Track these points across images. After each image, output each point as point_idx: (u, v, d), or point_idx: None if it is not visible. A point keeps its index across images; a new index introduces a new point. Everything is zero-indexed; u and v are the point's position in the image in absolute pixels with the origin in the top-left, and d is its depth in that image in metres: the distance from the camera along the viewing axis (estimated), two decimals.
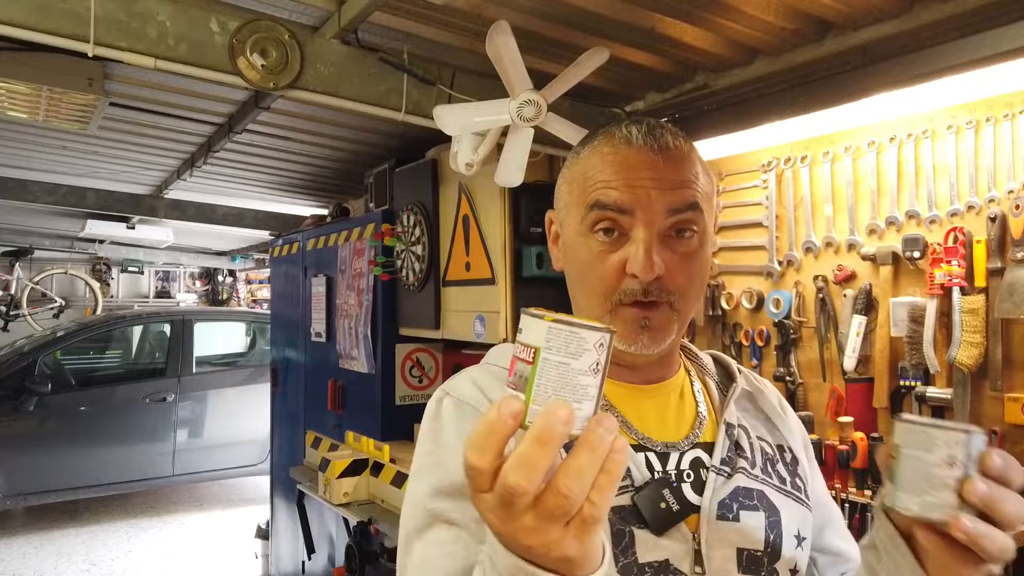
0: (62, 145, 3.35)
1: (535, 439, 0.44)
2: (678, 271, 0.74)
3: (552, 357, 0.47)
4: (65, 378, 5.36)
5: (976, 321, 1.73)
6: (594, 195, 0.75)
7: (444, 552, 0.67)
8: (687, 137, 0.79)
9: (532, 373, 0.47)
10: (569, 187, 0.80)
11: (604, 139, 0.78)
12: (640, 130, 0.76)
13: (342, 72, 1.89)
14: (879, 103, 1.79)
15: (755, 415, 0.87)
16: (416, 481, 0.74)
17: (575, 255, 0.78)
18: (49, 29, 1.52)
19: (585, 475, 0.45)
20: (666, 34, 1.85)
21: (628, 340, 0.74)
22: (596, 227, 0.75)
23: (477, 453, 0.45)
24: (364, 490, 2.68)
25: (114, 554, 4.69)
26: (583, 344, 0.48)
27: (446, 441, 0.74)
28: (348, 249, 3.20)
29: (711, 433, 0.81)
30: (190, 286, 9.31)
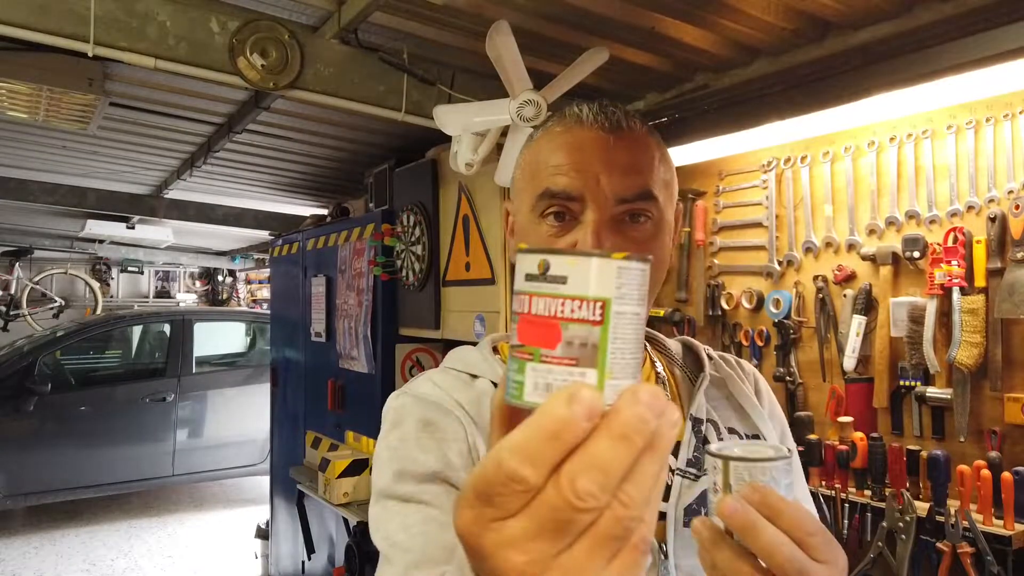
0: (62, 145, 3.35)
1: (621, 435, 0.32)
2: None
3: (627, 309, 0.36)
4: (65, 378, 5.36)
5: (976, 321, 1.73)
6: (544, 183, 0.72)
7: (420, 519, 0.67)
8: (646, 123, 0.76)
9: (604, 337, 0.35)
10: (522, 173, 0.78)
11: (555, 120, 0.76)
12: (592, 109, 0.73)
13: (342, 72, 1.89)
14: (879, 103, 1.79)
15: (726, 404, 0.83)
16: (378, 473, 0.73)
17: (526, 241, 0.75)
18: (49, 29, 1.52)
19: (649, 481, 0.33)
20: (666, 34, 1.85)
21: None
22: (546, 212, 0.72)
23: (528, 461, 0.32)
24: (364, 490, 2.68)
25: (114, 554, 4.69)
26: (645, 281, 0.37)
27: (408, 436, 0.72)
28: (348, 249, 3.20)
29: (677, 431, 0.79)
30: (190, 286, 9.31)
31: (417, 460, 0.71)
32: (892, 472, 1.84)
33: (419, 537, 0.66)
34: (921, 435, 1.87)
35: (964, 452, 1.76)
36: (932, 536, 1.72)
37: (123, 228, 5.92)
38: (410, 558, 0.65)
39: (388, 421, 0.76)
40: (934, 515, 1.72)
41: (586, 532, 0.32)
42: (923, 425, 1.86)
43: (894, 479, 1.84)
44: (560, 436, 0.32)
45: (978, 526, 1.64)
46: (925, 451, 1.80)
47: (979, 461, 1.69)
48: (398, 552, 0.67)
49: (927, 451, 1.79)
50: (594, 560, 0.32)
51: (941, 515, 1.71)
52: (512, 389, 0.37)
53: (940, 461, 1.74)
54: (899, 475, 1.82)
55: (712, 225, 2.37)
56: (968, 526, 1.65)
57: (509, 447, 0.32)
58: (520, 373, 0.37)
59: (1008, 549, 1.60)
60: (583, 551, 0.32)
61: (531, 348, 0.36)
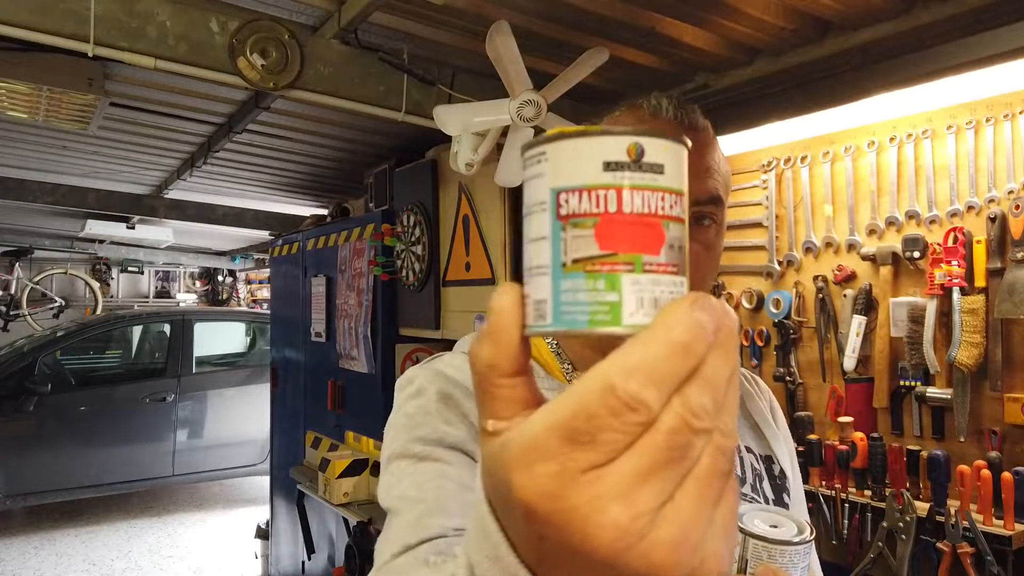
0: (62, 145, 3.35)
1: (721, 345, 0.27)
2: (696, 261, 0.67)
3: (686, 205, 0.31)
4: (65, 378, 5.36)
5: (976, 321, 1.73)
6: None
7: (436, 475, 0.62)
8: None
9: (686, 237, 0.31)
10: None
11: (628, 111, 0.71)
12: (671, 103, 0.69)
13: (342, 72, 1.89)
14: (879, 103, 1.79)
15: (743, 423, 0.80)
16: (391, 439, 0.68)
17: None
18: (49, 29, 1.52)
19: (735, 403, 0.29)
20: (666, 34, 1.85)
21: None
22: None
23: (652, 382, 0.26)
24: (364, 490, 2.68)
25: (114, 554, 4.68)
26: None
27: (429, 407, 0.68)
28: (348, 249, 3.20)
29: None
30: (190, 286, 9.31)
31: (438, 429, 0.66)
32: (892, 472, 1.84)
33: (433, 492, 0.61)
34: (921, 435, 1.87)
35: (964, 452, 1.76)
36: (932, 536, 1.72)
37: (123, 228, 5.93)
38: (423, 508, 0.60)
39: (405, 392, 0.72)
40: (934, 515, 1.72)
41: (690, 473, 0.27)
42: (923, 425, 1.86)
43: (894, 479, 1.84)
44: (692, 351, 0.27)
45: (978, 526, 1.64)
46: (925, 451, 1.80)
47: (979, 461, 1.69)
48: (409, 503, 0.61)
49: (927, 451, 1.79)
50: (702, 507, 0.27)
51: (941, 515, 1.71)
52: (591, 314, 0.29)
53: (940, 461, 1.73)
54: (899, 475, 1.82)
55: None
56: (968, 526, 1.65)
57: (623, 369, 0.26)
58: (611, 290, 0.29)
59: (1008, 549, 1.60)
60: (690, 498, 0.27)
61: (630, 256, 0.29)
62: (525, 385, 0.30)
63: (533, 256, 0.31)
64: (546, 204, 0.30)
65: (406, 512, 0.60)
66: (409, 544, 0.56)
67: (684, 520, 0.26)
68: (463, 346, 0.78)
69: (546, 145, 0.30)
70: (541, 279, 0.30)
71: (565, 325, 0.29)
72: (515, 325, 0.30)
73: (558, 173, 0.30)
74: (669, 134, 0.30)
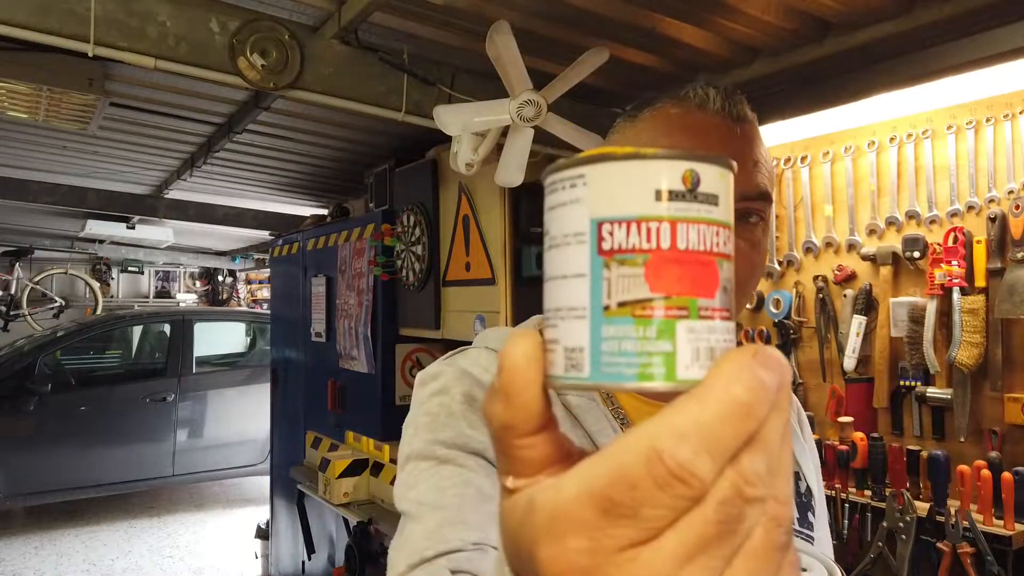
0: (62, 145, 3.35)
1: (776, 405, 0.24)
2: (743, 259, 0.63)
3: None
4: (65, 378, 5.35)
5: (976, 321, 1.73)
6: None
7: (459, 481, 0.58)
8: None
9: (734, 277, 0.27)
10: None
11: (671, 101, 0.66)
12: (718, 94, 0.65)
13: (342, 72, 1.89)
14: (879, 103, 1.79)
15: None
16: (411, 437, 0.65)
17: None
18: (49, 29, 1.52)
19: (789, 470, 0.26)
20: (666, 34, 1.85)
21: None
22: None
23: (706, 450, 0.23)
24: (364, 490, 2.68)
25: (114, 554, 4.68)
26: None
27: (453, 408, 0.64)
28: (348, 249, 3.20)
29: None
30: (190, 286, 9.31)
31: (463, 432, 0.62)
32: (892, 472, 1.84)
33: (453, 499, 0.57)
34: (921, 435, 1.87)
35: (964, 452, 1.76)
36: (932, 536, 1.72)
37: (123, 228, 5.93)
38: (442, 516, 0.56)
39: (428, 388, 0.67)
40: (934, 515, 1.72)
41: (742, 549, 0.24)
42: (923, 425, 1.86)
43: (894, 479, 1.84)
44: (753, 414, 0.23)
45: (978, 526, 1.64)
46: (925, 451, 1.80)
47: (979, 461, 1.69)
48: (428, 509, 0.57)
49: (927, 451, 1.79)
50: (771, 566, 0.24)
51: (941, 515, 1.71)
52: (641, 366, 0.25)
53: (940, 461, 1.73)
54: (899, 475, 1.82)
55: None
56: (968, 526, 1.65)
57: (673, 434, 0.22)
58: (664, 338, 0.25)
59: (1008, 549, 1.60)
60: (744, 574, 0.24)
61: (685, 299, 0.25)
62: (548, 441, 0.26)
63: (565, 296, 0.26)
64: (584, 236, 0.26)
65: (425, 519, 0.57)
66: (426, 556, 0.54)
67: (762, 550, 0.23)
68: (488, 341, 0.72)
69: (586, 167, 0.26)
70: (576, 324, 0.26)
71: (607, 379, 0.25)
72: (532, 382, 0.26)
73: (601, 201, 0.26)
74: (722, 160, 0.27)
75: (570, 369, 0.26)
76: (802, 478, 0.74)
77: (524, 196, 2.36)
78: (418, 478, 0.61)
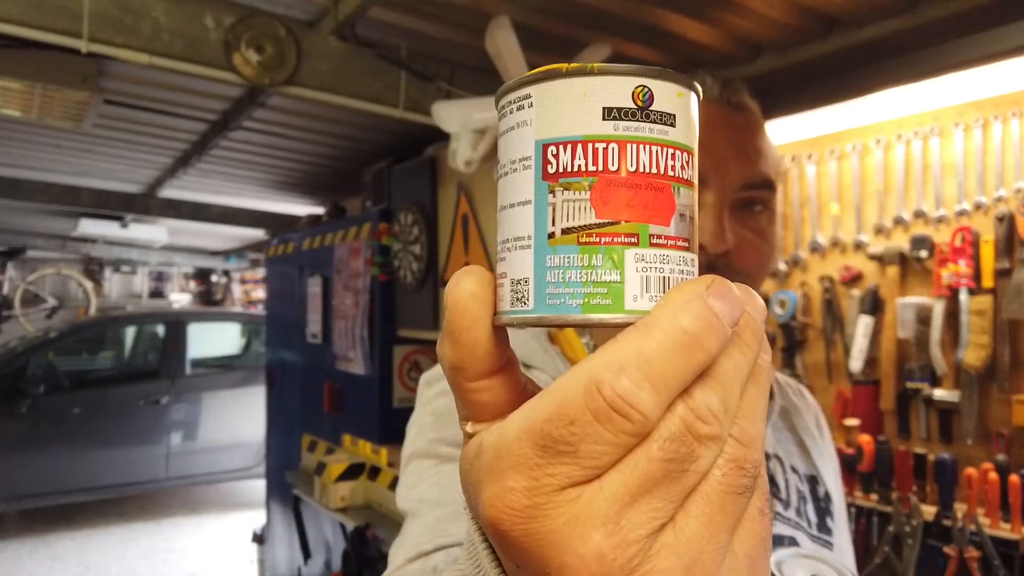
0: (56, 143, 3.32)
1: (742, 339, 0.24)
2: (748, 249, 0.63)
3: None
4: (58, 380, 5.31)
5: (984, 322, 1.71)
6: None
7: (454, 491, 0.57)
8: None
9: (696, 206, 0.26)
10: None
11: None
12: (716, 82, 0.65)
13: (339, 68, 1.86)
14: (886, 101, 1.77)
15: (789, 439, 0.74)
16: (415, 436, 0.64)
17: None
18: (43, 25, 1.51)
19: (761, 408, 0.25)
20: (669, 30, 1.83)
21: None
22: None
23: (650, 382, 0.21)
24: (361, 494, 2.65)
25: (108, 558, 4.64)
26: None
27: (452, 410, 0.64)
28: (345, 249, 3.16)
29: None
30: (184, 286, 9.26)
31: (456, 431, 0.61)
32: (899, 476, 1.82)
33: (455, 495, 0.56)
34: (928, 438, 1.84)
35: (971, 455, 1.74)
36: (939, 540, 1.69)
37: (117, 227, 5.88)
38: (442, 512, 0.55)
39: (435, 388, 0.66)
40: (941, 519, 1.70)
41: (697, 490, 0.22)
42: (930, 428, 1.84)
43: (901, 483, 1.81)
44: (702, 346, 0.22)
45: (985, 530, 1.62)
46: (932, 454, 1.77)
47: (986, 464, 1.67)
48: (428, 506, 0.57)
49: (934, 454, 1.76)
50: (714, 532, 0.22)
51: (948, 519, 1.69)
52: (585, 296, 0.24)
53: (947, 464, 1.71)
54: (906, 479, 1.80)
55: None
56: (975, 530, 1.63)
57: (614, 365, 0.21)
58: (611, 267, 0.24)
59: (1016, 553, 1.58)
60: (696, 520, 0.22)
61: (634, 225, 0.23)
62: (505, 383, 0.25)
63: (511, 226, 0.25)
64: (529, 160, 0.24)
65: (426, 514, 0.56)
66: (424, 550, 0.53)
67: (688, 547, 0.21)
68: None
69: (531, 87, 0.24)
70: (521, 254, 0.24)
71: (552, 311, 0.24)
72: (478, 320, 0.25)
73: (546, 122, 0.24)
74: (679, 77, 0.25)
75: (516, 303, 0.25)
76: (820, 482, 0.73)
77: None
78: (420, 476, 0.60)
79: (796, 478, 0.72)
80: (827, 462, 0.76)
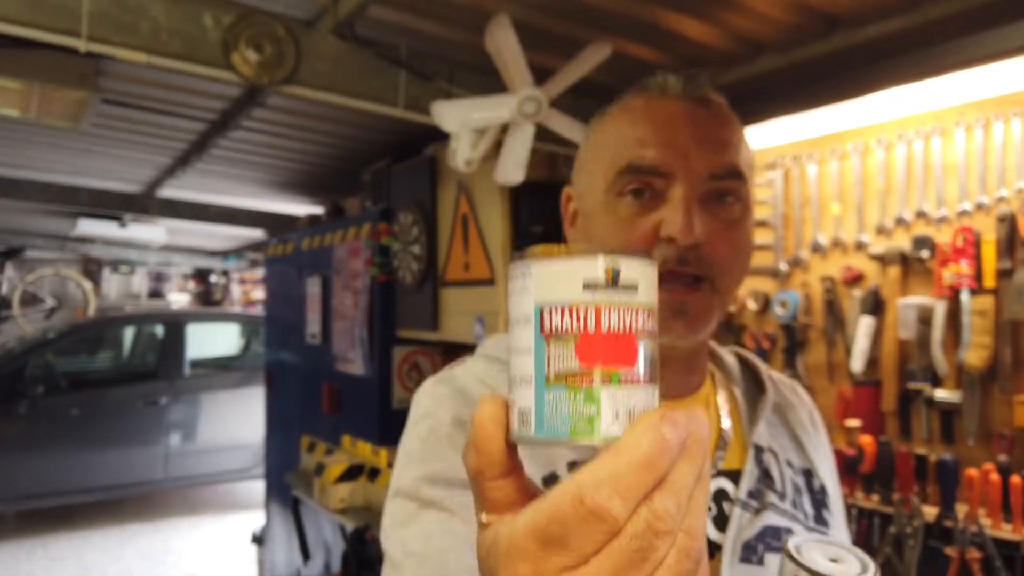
0: (54, 143, 3.31)
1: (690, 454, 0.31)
2: (720, 240, 0.64)
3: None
4: (56, 380, 5.30)
5: (985, 323, 1.70)
6: (626, 157, 0.65)
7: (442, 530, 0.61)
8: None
9: (658, 347, 0.34)
10: (595, 152, 0.70)
11: (635, 91, 0.69)
12: (678, 79, 0.67)
13: (338, 67, 1.86)
14: (888, 100, 1.77)
15: (784, 433, 0.76)
16: (402, 466, 0.67)
17: (598, 224, 0.67)
18: (41, 24, 1.51)
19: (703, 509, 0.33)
20: (670, 29, 1.82)
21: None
22: (625, 190, 0.65)
23: (619, 495, 0.29)
24: (360, 496, 2.64)
25: (107, 559, 4.63)
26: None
27: (440, 431, 0.66)
28: (344, 249, 3.16)
29: (737, 458, 0.71)
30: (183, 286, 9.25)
31: (453, 464, 0.63)
32: (900, 476, 1.81)
33: (437, 550, 0.60)
34: (930, 439, 1.84)
35: (973, 456, 1.74)
36: (940, 541, 1.69)
37: (115, 227, 5.87)
38: (425, 571, 0.59)
39: (421, 407, 0.69)
40: (942, 520, 1.69)
41: (656, 572, 0.30)
42: (931, 428, 1.84)
43: (902, 484, 1.81)
44: (656, 465, 0.29)
45: (987, 531, 1.61)
46: (934, 455, 1.77)
47: (988, 465, 1.67)
48: (412, 561, 0.60)
49: (936, 455, 1.76)
50: None
51: (949, 520, 1.68)
52: (572, 425, 0.32)
53: (949, 465, 1.71)
54: (907, 479, 1.80)
55: None
56: (977, 531, 1.62)
57: (592, 481, 0.29)
58: (590, 403, 0.32)
59: (1017, 555, 1.58)
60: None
61: (607, 370, 0.32)
62: (513, 484, 0.33)
63: (519, 366, 0.33)
64: (531, 319, 0.33)
65: (408, 570, 0.60)
66: None
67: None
68: (488, 350, 0.74)
69: (532, 263, 0.33)
70: (525, 391, 0.33)
71: (548, 434, 0.32)
72: (495, 437, 0.33)
73: (541, 290, 0.33)
74: (642, 253, 0.33)
75: (522, 427, 0.33)
76: (815, 475, 0.74)
77: (525, 194, 2.32)
78: (404, 519, 0.64)
79: (791, 471, 0.73)
80: (822, 457, 0.77)
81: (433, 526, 0.61)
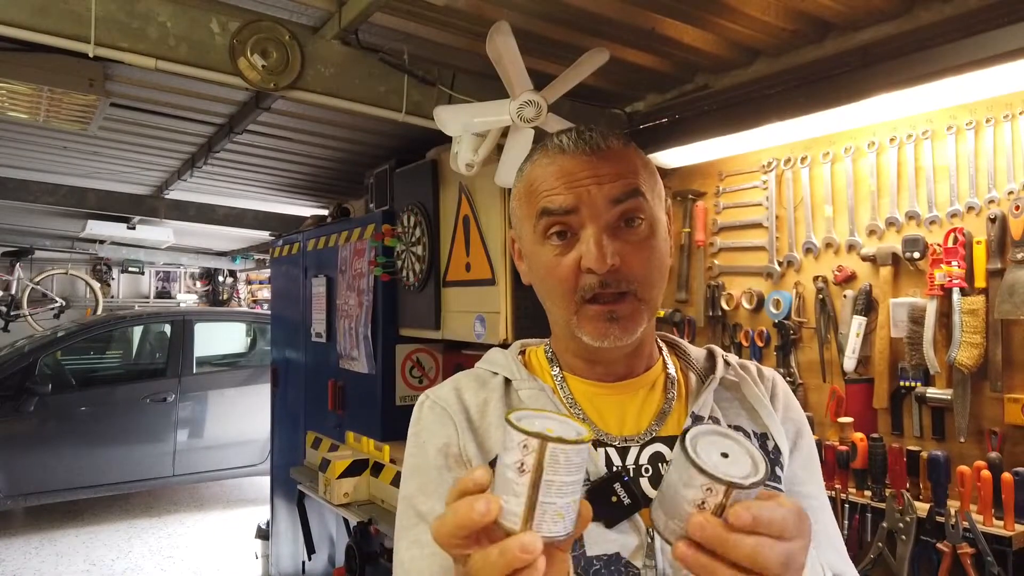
0: (63, 146, 3.35)
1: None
2: (634, 259, 0.76)
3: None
4: (65, 378, 5.36)
5: (976, 322, 1.72)
6: (541, 204, 0.78)
7: (425, 553, 0.72)
8: (623, 137, 0.81)
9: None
10: (519, 203, 0.83)
11: (541, 153, 0.82)
12: (571, 137, 0.79)
13: (343, 73, 1.89)
14: (879, 104, 1.79)
15: (737, 406, 0.85)
16: (405, 481, 0.81)
17: (536, 264, 0.81)
18: (50, 30, 1.52)
19: None
20: (666, 35, 1.85)
21: (598, 335, 0.76)
22: (548, 233, 0.78)
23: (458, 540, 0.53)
24: (364, 490, 2.68)
25: (114, 554, 4.69)
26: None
27: (426, 443, 0.80)
28: (348, 249, 3.20)
29: (675, 426, 0.81)
30: (190, 286, 9.31)
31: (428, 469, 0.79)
32: (892, 473, 1.84)
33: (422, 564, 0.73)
34: (921, 436, 1.87)
35: (964, 453, 1.76)
36: (932, 537, 1.71)
37: (124, 228, 5.92)
38: None
39: (414, 416, 0.85)
40: (934, 516, 1.72)
41: None
42: (923, 426, 1.86)
43: (894, 480, 1.84)
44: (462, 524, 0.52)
45: (978, 527, 1.64)
46: (925, 452, 1.79)
47: (979, 462, 1.69)
48: (401, 571, 0.75)
49: (927, 452, 1.79)
50: None
51: (941, 516, 1.70)
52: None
53: (940, 462, 1.73)
54: (899, 476, 1.82)
55: (712, 226, 2.37)
56: (968, 527, 1.64)
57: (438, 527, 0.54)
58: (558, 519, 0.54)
59: (1008, 550, 1.60)
60: None
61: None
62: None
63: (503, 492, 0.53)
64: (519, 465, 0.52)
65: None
66: None
67: None
68: (482, 360, 0.89)
69: (526, 437, 0.52)
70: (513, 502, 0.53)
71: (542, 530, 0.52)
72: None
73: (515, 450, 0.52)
74: (574, 440, 0.51)
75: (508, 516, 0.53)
76: (770, 438, 0.83)
77: None
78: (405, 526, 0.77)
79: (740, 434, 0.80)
80: (777, 423, 0.84)
81: (424, 537, 0.73)
